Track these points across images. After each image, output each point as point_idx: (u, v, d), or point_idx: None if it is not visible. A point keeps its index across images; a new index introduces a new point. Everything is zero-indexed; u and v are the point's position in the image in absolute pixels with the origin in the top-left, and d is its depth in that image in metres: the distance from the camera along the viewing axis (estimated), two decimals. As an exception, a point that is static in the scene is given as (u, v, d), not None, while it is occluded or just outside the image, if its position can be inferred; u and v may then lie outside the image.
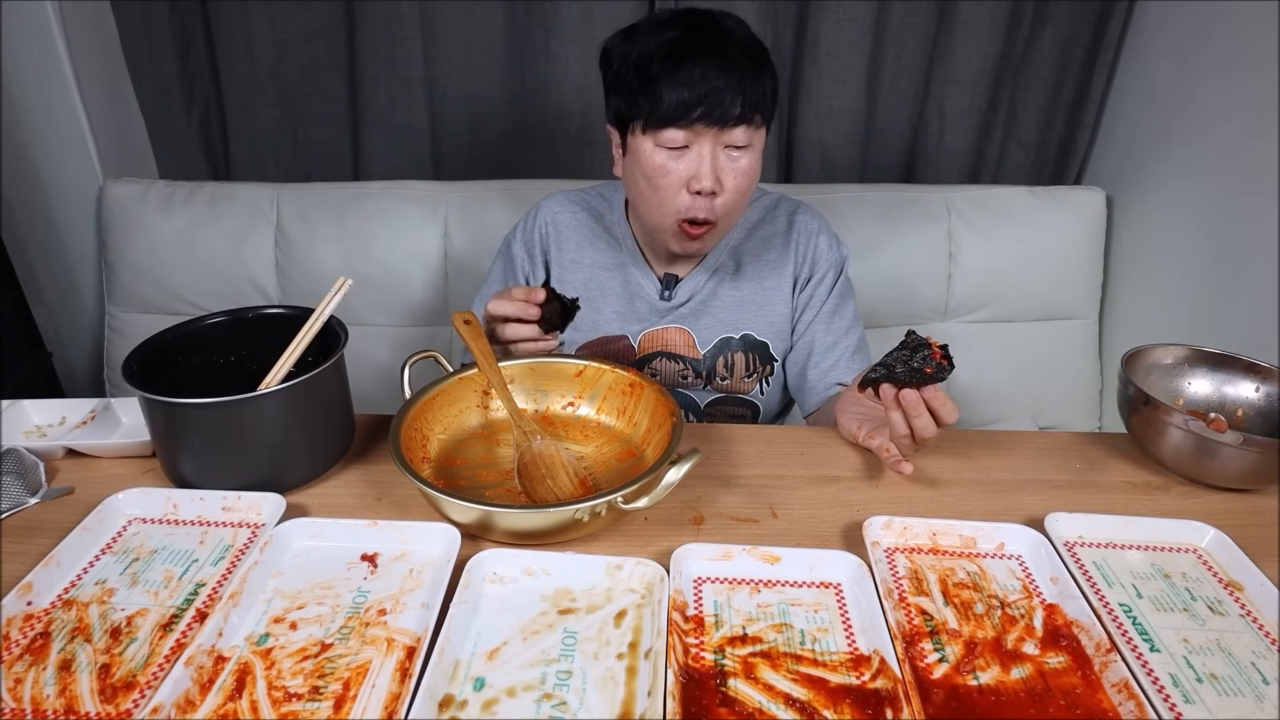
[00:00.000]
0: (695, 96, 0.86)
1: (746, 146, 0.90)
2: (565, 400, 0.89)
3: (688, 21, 0.90)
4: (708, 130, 0.88)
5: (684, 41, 0.88)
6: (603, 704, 0.54)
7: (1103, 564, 0.69)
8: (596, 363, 0.87)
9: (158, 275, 1.48)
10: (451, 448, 0.82)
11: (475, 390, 0.86)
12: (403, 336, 1.53)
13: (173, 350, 0.79)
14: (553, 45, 1.51)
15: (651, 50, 0.88)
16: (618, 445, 0.84)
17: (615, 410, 0.87)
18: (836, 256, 1.09)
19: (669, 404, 0.79)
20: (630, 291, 1.07)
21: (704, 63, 0.86)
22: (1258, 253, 1.22)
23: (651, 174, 0.92)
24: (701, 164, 0.89)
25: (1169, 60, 1.43)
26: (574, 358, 0.88)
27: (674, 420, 0.76)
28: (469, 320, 0.86)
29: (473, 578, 0.63)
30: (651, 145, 0.90)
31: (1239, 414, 0.86)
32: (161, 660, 0.57)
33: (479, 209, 1.48)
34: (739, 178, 0.91)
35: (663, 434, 0.78)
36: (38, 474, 0.76)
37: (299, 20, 1.50)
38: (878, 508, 0.74)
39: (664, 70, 0.87)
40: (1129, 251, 1.54)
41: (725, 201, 0.92)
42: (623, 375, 0.86)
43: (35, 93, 1.42)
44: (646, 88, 0.88)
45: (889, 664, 0.57)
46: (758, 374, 1.09)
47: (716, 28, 0.89)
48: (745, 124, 0.88)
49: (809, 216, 1.09)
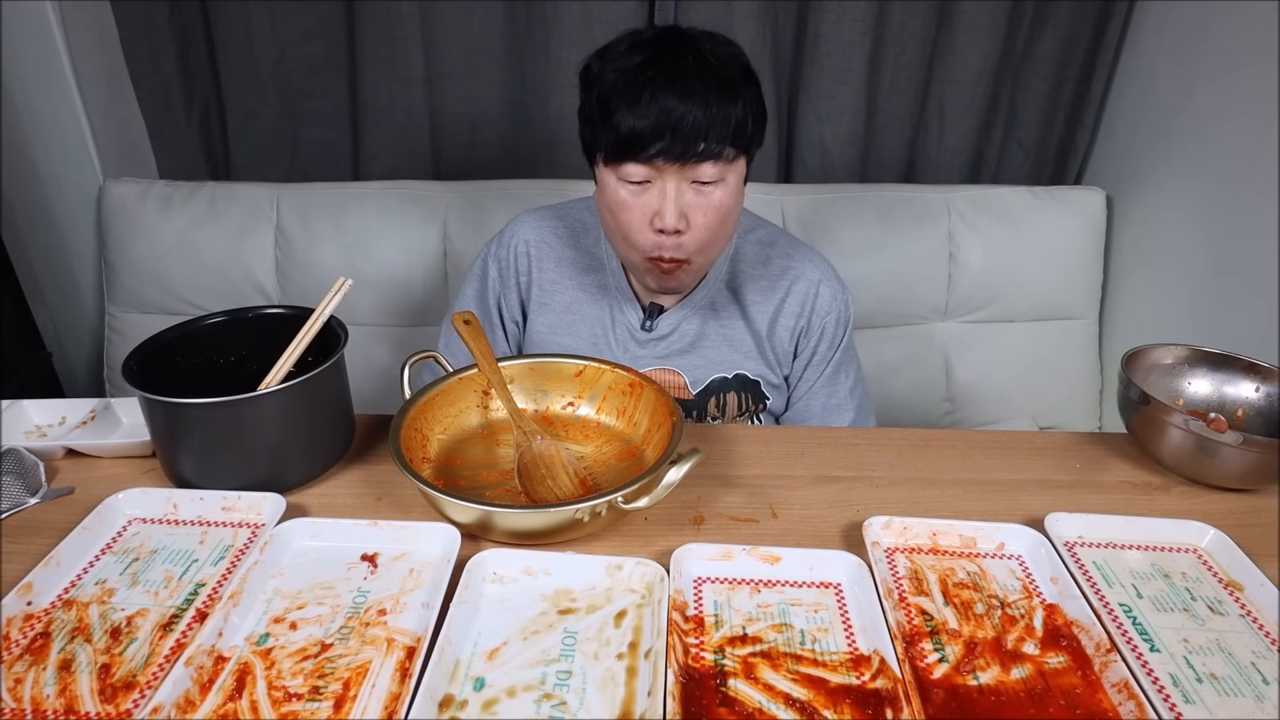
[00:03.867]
0: (652, 130, 0.79)
1: (717, 181, 0.84)
2: (565, 400, 0.88)
3: (658, 45, 0.83)
4: (668, 165, 0.82)
5: (646, 69, 0.81)
6: (603, 704, 0.54)
7: (1103, 564, 0.69)
8: (596, 363, 0.87)
9: (158, 275, 1.48)
10: (451, 448, 0.82)
11: (475, 390, 0.86)
12: (403, 336, 1.53)
13: (173, 350, 0.79)
14: (553, 46, 1.51)
15: (613, 78, 0.82)
16: (618, 445, 0.84)
17: (615, 410, 0.87)
18: (840, 308, 1.01)
19: (669, 404, 0.79)
20: (612, 318, 1.02)
21: (664, 93, 0.79)
22: (1258, 253, 1.22)
23: (614, 208, 0.87)
24: (665, 201, 0.83)
25: (1169, 60, 1.43)
26: (574, 358, 0.87)
27: (674, 420, 0.76)
28: (469, 320, 0.85)
29: (472, 578, 0.63)
30: (615, 179, 0.85)
31: (1239, 414, 0.86)
32: (161, 660, 0.57)
33: (479, 209, 1.48)
34: (709, 214, 0.85)
35: (663, 434, 0.78)
36: (38, 474, 0.76)
37: (299, 20, 1.51)
38: (878, 508, 0.74)
39: (621, 101, 0.80)
40: (1129, 251, 1.54)
41: (695, 239, 0.86)
42: (623, 375, 0.85)
43: (35, 93, 1.42)
44: (605, 118, 0.82)
45: (889, 664, 0.57)
46: (750, 411, 1.04)
47: (685, 52, 0.82)
48: (712, 159, 0.81)
49: (811, 266, 1.01)
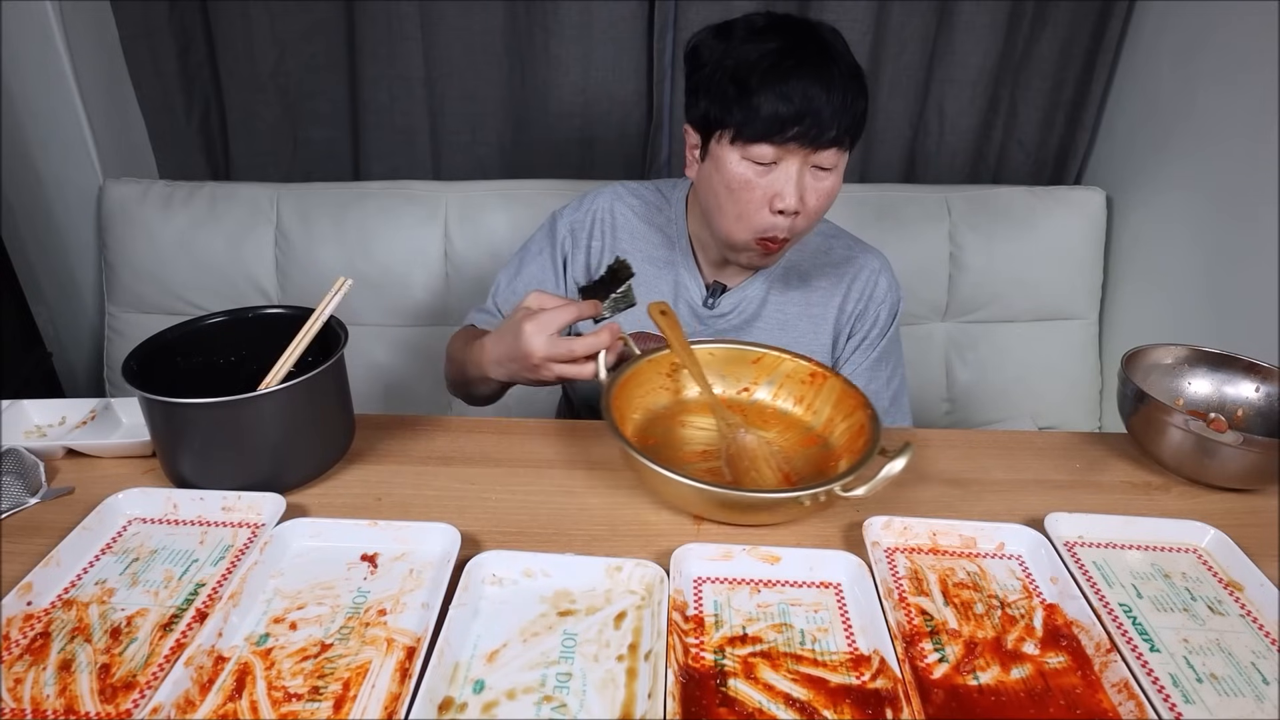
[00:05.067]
0: (793, 114, 0.82)
1: (833, 168, 0.87)
2: (740, 385, 0.90)
3: (790, 32, 0.86)
4: (799, 150, 0.84)
5: (788, 55, 0.83)
6: (603, 705, 0.54)
7: (1103, 564, 0.69)
8: (776, 351, 0.89)
9: (158, 275, 1.48)
10: (644, 428, 0.84)
11: (659, 373, 0.88)
12: (402, 336, 1.53)
13: (173, 350, 0.79)
14: (552, 45, 1.51)
15: (753, 59, 0.84)
16: (798, 432, 0.86)
17: (792, 397, 0.88)
18: (893, 300, 1.05)
19: (858, 395, 0.82)
20: (676, 292, 1.04)
21: (807, 80, 0.82)
22: (1258, 253, 1.22)
23: (735, 187, 0.88)
24: (787, 184, 0.86)
25: (1169, 60, 1.43)
26: (755, 345, 0.89)
27: (869, 411, 0.79)
28: (665, 310, 0.88)
29: (472, 579, 0.63)
30: (738, 157, 0.87)
31: (1239, 414, 0.86)
32: (161, 660, 0.57)
33: (479, 209, 1.48)
34: (820, 199, 0.88)
35: (851, 424, 0.81)
36: (38, 474, 0.76)
37: (299, 20, 1.51)
38: (878, 508, 0.74)
39: (764, 83, 0.82)
40: (1129, 251, 1.54)
41: (806, 221, 0.90)
42: (803, 365, 0.88)
43: (35, 93, 1.42)
44: (743, 98, 0.83)
45: (889, 664, 0.57)
46: None
47: (820, 42, 0.85)
48: (837, 146, 0.85)
49: (872, 257, 1.06)
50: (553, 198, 1.40)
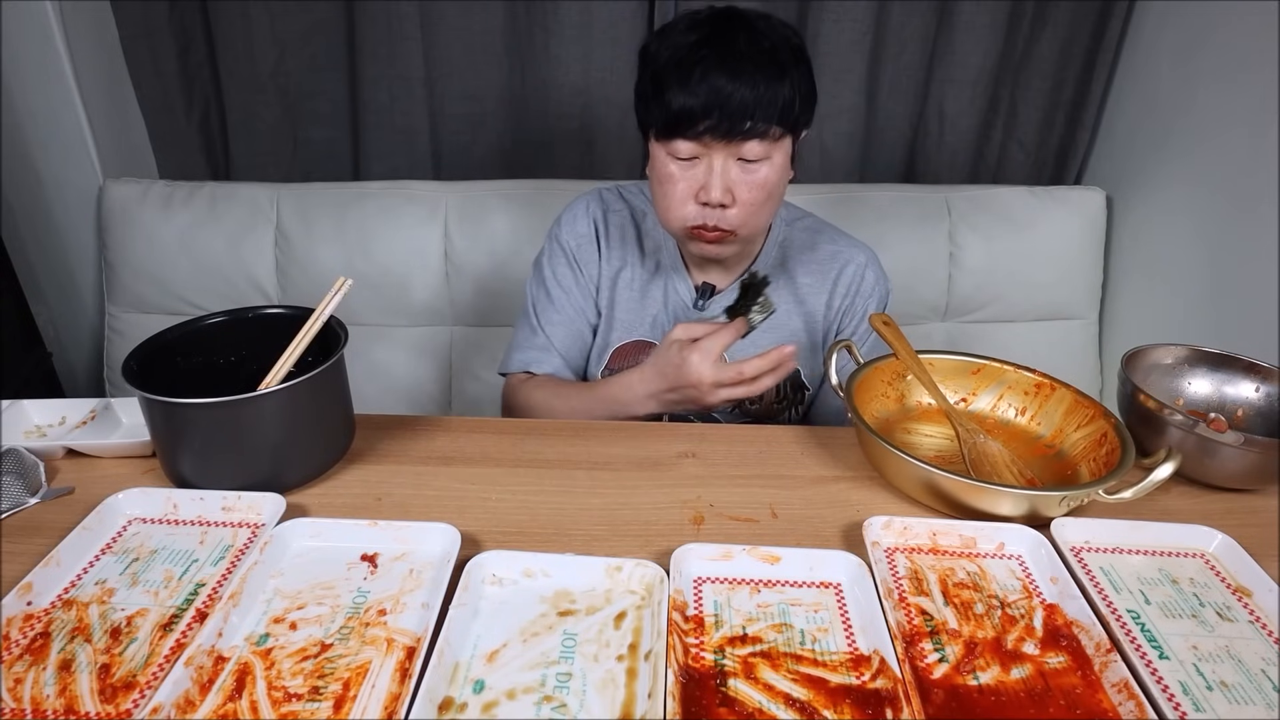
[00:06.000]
0: (701, 108, 0.82)
1: (762, 159, 0.86)
2: (959, 396, 0.91)
3: (713, 24, 0.85)
4: (716, 143, 0.84)
5: (700, 48, 0.83)
6: (603, 705, 0.54)
7: (1109, 569, 0.69)
8: (997, 362, 0.90)
9: (158, 275, 1.48)
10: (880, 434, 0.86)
11: (881, 380, 0.89)
12: (402, 336, 1.53)
13: (173, 350, 0.79)
14: (552, 45, 1.51)
15: (666, 56, 0.85)
16: (1023, 441, 0.86)
17: (1015, 408, 0.89)
18: (881, 294, 1.05)
19: (1094, 405, 0.82)
20: (666, 296, 1.04)
21: (713, 72, 0.81)
22: (1258, 252, 1.22)
23: (662, 180, 0.90)
24: (711, 176, 0.86)
25: (1169, 60, 1.43)
26: (972, 356, 0.90)
27: (1112, 420, 0.79)
28: (887, 321, 0.89)
29: (472, 580, 0.63)
30: (664, 154, 0.88)
31: (1239, 414, 0.86)
32: (161, 660, 0.57)
33: (479, 209, 1.48)
34: (753, 190, 0.88)
35: (1090, 432, 0.81)
36: (38, 474, 0.76)
37: (299, 20, 1.51)
38: (878, 508, 0.74)
39: (674, 78, 0.83)
40: (1129, 251, 1.54)
41: (740, 213, 0.89)
42: (1026, 375, 0.88)
43: (35, 93, 1.42)
44: (658, 95, 0.85)
45: (889, 664, 0.57)
46: (788, 400, 1.06)
47: (738, 32, 0.84)
48: (758, 137, 0.84)
49: (858, 251, 1.06)
50: (553, 198, 1.40)
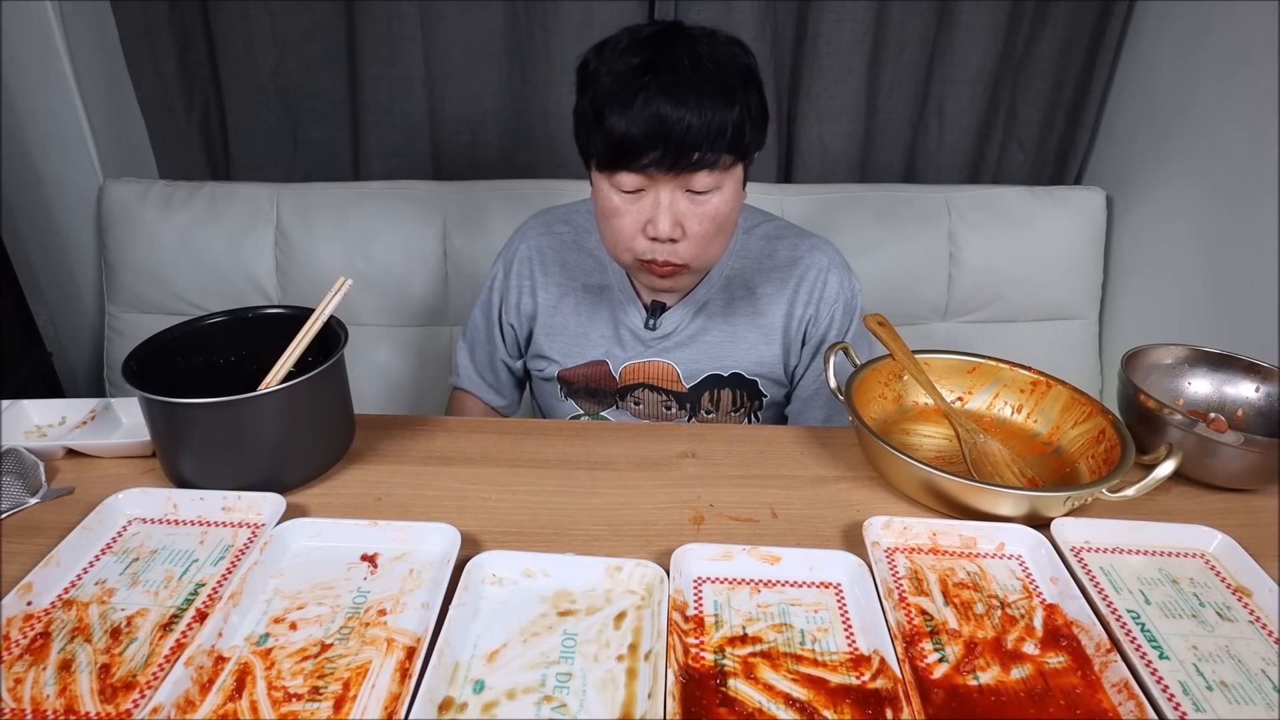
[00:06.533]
0: (645, 139, 0.76)
1: (712, 190, 0.81)
2: (955, 395, 0.91)
3: (655, 44, 0.79)
4: (663, 175, 0.79)
5: (642, 73, 0.77)
6: (603, 705, 0.54)
7: (1109, 569, 0.69)
8: (993, 360, 0.89)
9: (158, 275, 1.48)
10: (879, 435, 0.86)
11: (878, 382, 0.89)
12: (402, 336, 1.53)
13: (173, 350, 0.79)
14: (552, 45, 1.51)
15: (607, 82, 0.78)
16: (1020, 439, 0.86)
17: (1011, 406, 0.89)
18: (847, 296, 0.99)
19: (1090, 401, 0.82)
20: (615, 317, 1.00)
21: (657, 99, 0.75)
22: (1258, 252, 1.22)
23: (607, 214, 0.84)
24: (658, 210, 0.81)
25: (1169, 60, 1.43)
26: (968, 355, 0.90)
27: (1110, 416, 0.79)
28: (882, 322, 0.89)
29: (472, 579, 0.63)
30: (608, 185, 0.83)
31: (1239, 414, 0.86)
32: (161, 660, 0.57)
33: (479, 209, 1.48)
34: (704, 223, 0.83)
35: (1088, 429, 0.81)
36: (38, 474, 0.76)
37: (299, 20, 1.51)
38: (878, 508, 0.74)
39: (614, 106, 0.77)
40: (1129, 251, 1.54)
41: (691, 246, 0.84)
42: (1021, 373, 0.88)
43: (35, 93, 1.42)
44: (598, 122, 0.79)
45: (889, 664, 0.57)
46: (745, 408, 1.03)
47: (682, 54, 0.78)
48: (707, 168, 0.79)
49: (819, 253, 0.99)
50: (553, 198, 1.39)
